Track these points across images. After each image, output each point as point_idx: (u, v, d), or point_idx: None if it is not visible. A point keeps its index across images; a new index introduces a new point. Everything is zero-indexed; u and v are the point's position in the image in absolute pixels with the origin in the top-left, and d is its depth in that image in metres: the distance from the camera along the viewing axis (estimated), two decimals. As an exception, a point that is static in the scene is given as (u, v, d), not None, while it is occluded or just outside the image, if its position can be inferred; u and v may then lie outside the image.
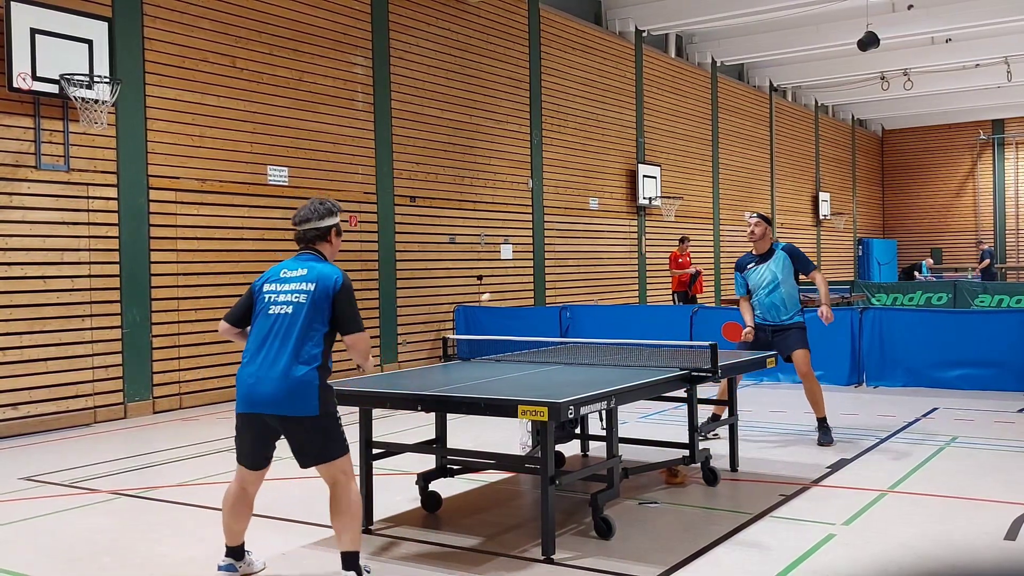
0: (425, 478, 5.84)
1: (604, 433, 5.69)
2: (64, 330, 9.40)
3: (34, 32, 8.90)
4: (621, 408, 5.55)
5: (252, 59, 11.31)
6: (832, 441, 7.65)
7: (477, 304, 14.27)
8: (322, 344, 4.43)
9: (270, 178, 11.50)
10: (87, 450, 8.25)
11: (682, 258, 17.54)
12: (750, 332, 7.76)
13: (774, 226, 7.55)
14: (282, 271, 4.59)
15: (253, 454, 4.54)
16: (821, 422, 7.75)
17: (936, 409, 9.30)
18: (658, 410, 9.27)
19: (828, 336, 11.18)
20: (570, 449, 7.20)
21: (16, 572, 4.92)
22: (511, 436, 6.96)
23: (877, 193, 33.99)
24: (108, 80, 9.34)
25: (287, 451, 4.49)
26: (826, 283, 8.00)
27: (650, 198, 19.08)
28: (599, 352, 7.19)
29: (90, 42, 9.32)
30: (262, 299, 4.55)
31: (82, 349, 9.54)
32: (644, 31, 19.37)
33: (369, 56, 12.93)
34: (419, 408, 5.34)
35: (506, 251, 15.48)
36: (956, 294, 17.74)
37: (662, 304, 18.55)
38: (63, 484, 6.86)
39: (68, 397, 9.42)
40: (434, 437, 6.07)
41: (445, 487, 6.11)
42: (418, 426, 7.93)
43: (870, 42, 17.60)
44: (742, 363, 6.79)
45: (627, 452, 6.31)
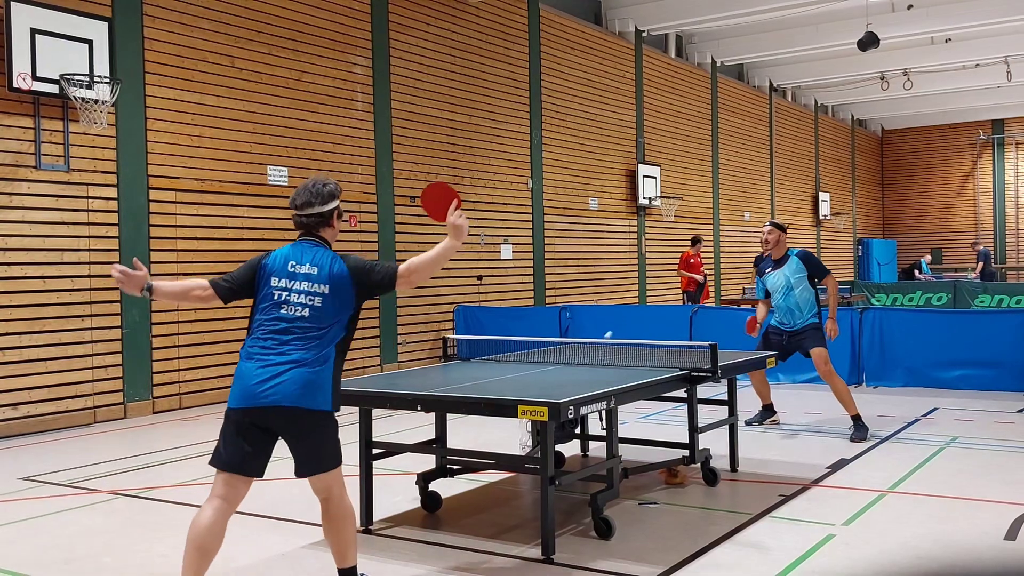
0: (425, 478, 5.84)
1: (604, 433, 5.68)
2: (64, 330, 9.40)
3: (34, 32, 8.90)
4: (621, 408, 5.55)
5: (251, 59, 11.31)
6: (865, 437, 7.83)
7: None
8: (343, 333, 4.24)
9: (270, 178, 11.50)
10: (87, 450, 8.25)
11: (694, 259, 17.45)
12: (753, 319, 8.28)
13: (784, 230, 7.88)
14: (289, 264, 4.25)
15: (252, 454, 4.17)
16: (855, 420, 7.96)
17: (936, 409, 9.30)
18: (658, 410, 9.27)
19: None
20: (570, 449, 7.20)
21: (16, 572, 4.92)
22: (511, 436, 6.96)
23: (877, 193, 33.99)
24: (108, 80, 9.34)
25: (287, 450, 4.47)
26: (837, 293, 8.32)
27: (650, 198, 19.08)
28: (599, 352, 7.19)
29: (90, 42, 9.32)
30: (269, 292, 4.23)
31: (82, 349, 9.54)
32: (644, 31, 19.37)
33: (369, 56, 12.93)
34: (419, 408, 5.34)
35: (506, 251, 15.48)
36: (956, 294, 17.75)
37: (662, 304, 18.55)
38: (63, 484, 6.86)
39: (68, 397, 9.42)
40: (434, 437, 6.07)
41: (445, 487, 6.11)
42: (418, 426, 7.93)
43: (870, 42, 17.60)
44: (742, 363, 6.79)
45: (627, 452, 6.31)
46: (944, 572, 4.71)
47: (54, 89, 9.06)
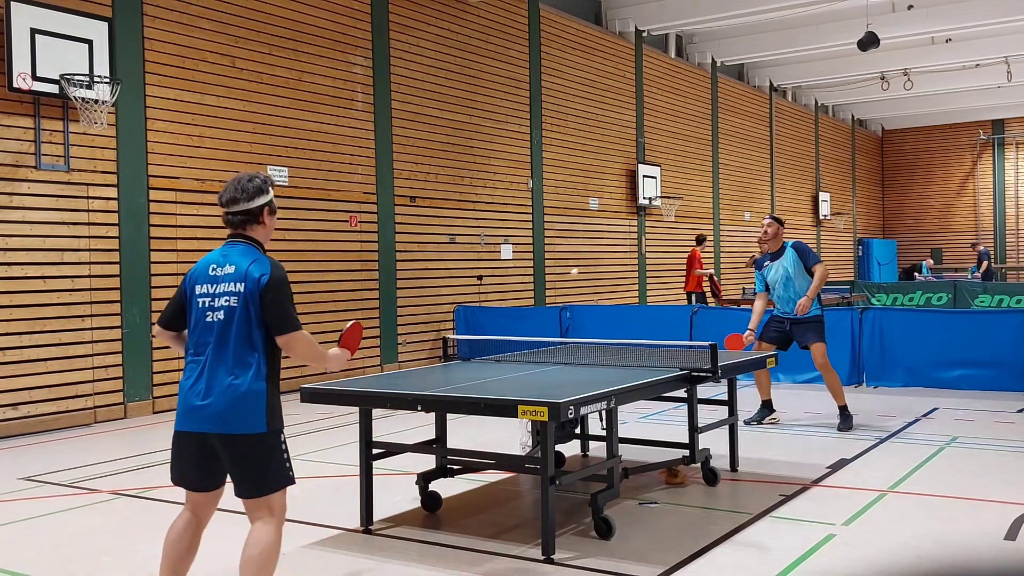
0: (425, 478, 5.84)
1: (604, 433, 5.68)
2: (64, 330, 9.40)
3: (34, 32, 8.90)
4: (621, 408, 5.55)
5: (251, 59, 11.31)
6: (852, 427, 8.21)
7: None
8: (264, 350, 3.90)
9: (270, 178, 11.48)
10: (87, 450, 8.25)
11: (702, 257, 17.57)
12: (750, 335, 8.29)
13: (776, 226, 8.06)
14: (210, 267, 4.03)
15: (200, 474, 3.94)
16: (842, 410, 8.36)
17: (936, 409, 9.30)
18: (658, 410, 9.27)
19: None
20: (570, 449, 7.20)
21: (16, 572, 4.92)
22: (511, 436, 6.96)
23: (877, 193, 33.99)
24: (108, 80, 9.34)
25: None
26: (823, 280, 8.45)
27: (650, 198, 19.08)
28: (599, 352, 7.19)
29: (90, 42, 9.32)
30: (196, 303, 3.97)
31: (82, 349, 9.54)
32: (644, 31, 19.37)
33: (369, 56, 12.93)
34: (419, 408, 5.33)
35: (506, 251, 15.48)
36: (956, 294, 17.75)
37: (662, 304, 18.56)
38: (63, 484, 6.86)
39: (68, 397, 9.42)
40: (434, 437, 6.06)
41: (445, 487, 6.11)
42: (418, 426, 7.93)
43: (870, 42, 17.60)
44: (742, 363, 6.79)
45: (627, 452, 6.31)
46: (944, 572, 4.71)
47: (54, 89, 9.06)
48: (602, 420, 5.71)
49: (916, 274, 26.69)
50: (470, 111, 14.72)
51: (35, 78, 8.91)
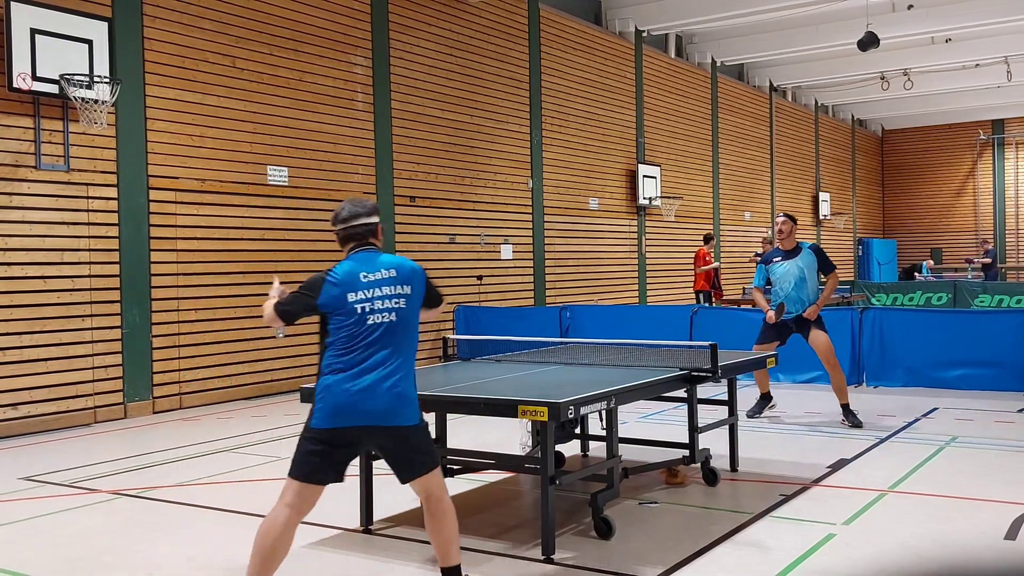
0: (425, 478, 5.83)
1: (604, 433, 5.68)
2: (64, 330, 9.40)
3: (34, 32, 8.90)
4: (621, 408, 5.55)
5: (252, 59, 11.31)
6: (861, 423, 8.31)
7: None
8: (415, 348, 4.32)
9: (270, 178, 11.50)
10: (87, 450, 8.25)
11: (708, 257, 17.59)
12: (771, 314, 8.49)
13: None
14: (360, 274, 4.21)
15: (338, 469, 4.20)
16: (844, 408, 8.43)
17: (936, 409, 9.30)
18: (658, 410, 9.27)
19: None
20: (570, 449, 7.20)
21: (16, 572, 4.92)
22: (511, 436, 6.96)
23: (877, 193, 33.99)
24: (108, 80, 9.34)
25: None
26: (834, 287, 8.59)
27: (650, 198, 19.09)
28: (599, 352, 7.19)
29: (90, 42, 9.32)
30: (351, 308, 4.15)
31: (82, 349, 9.54)
32: (644, 31, 19.37)
33: (369, 56, 12.93)
34: (419, 408, 5.33)
35: (506, 251, 15.48)
36: (956, 294, 17.75)
37: (662, 304, 18.56)
38: (63, 484, 6.86)
39: (68, 397, 9.42)
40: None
41: (445, 487, 6.10)
42: (418, 426, 7.92)
43: (870, 42, 17.60)
44: (742, 363, 6.79)
45: (627, 452, 6.31)
46: (944, 572, 4.72)
47: (54, 89, 9.06)
48: (602, 420, 5.71)
49: (916, 274, 26.69)
50: (470, 111, 14.72)
51: (35, 78, 8.91)
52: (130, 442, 8.69)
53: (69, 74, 9.07)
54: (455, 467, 6.05)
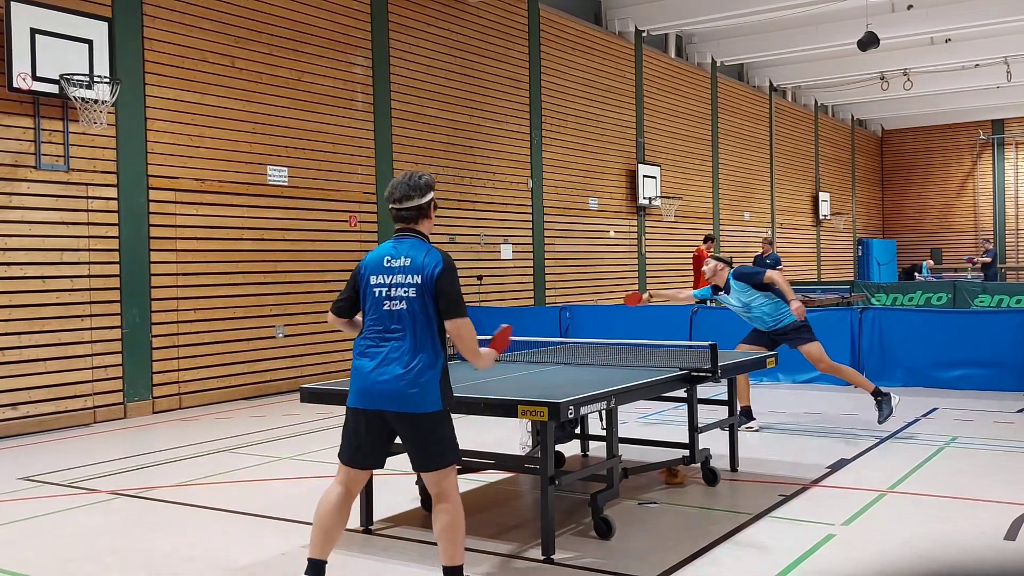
0: (425, 478, 5.83)
1: (604, 433, 5.68)
2: (64, 330, 9.40)
3: (34, 32, 8.90)
4: (621, 408, 5.55)
5: (252, 59, 11.31)
6: (891, 413, 8.00)
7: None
8: (438, 336, 4.30)
9: (270, 178, 11.50)
10: (87, 450, 8.25)
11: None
12: (648, 296, 8.58)
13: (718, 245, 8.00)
14: (385, 259, 4.33)
15: (365, 453, 4.33)
16: (875, 395, 8.06)
17: (936, 409, 9.30)
18: (658, 410, 9.27)
19: (828, 336, 11.16)
20: (570, 449, 7.20)
21: (16, 572, 4.92)
22: (511, 436, 6.96)
23: (877, 193, 33.99)
24: (108, 80, 9.34)
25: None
26: (782, 278, 8.06)
27: (650, 198, 19.09)
28: (599, 352, 7.19)
29: (90, 42, 9.32)
30: (371, 292, 4.31)
31: (82, 349, 9.54)
32: (644, 31, 19.37)
33: (369, 56, 12.93)
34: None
35: (506, 251, 15.48)
36: (956, 294, 17.74)
37: (662, 304, 18.52)
38: (63, 484, 6.86)
39: (68, 397, 9.42)
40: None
41: (445, 487, 6.10)
42: (418, 426, 7.91)
43: (870, 42, 17.60)
44: (742, 363, 6.79)
45: (627, 452, 6.31)
46: (944, 572, 4.72)
47: (54, 89, 9.06)
48: (602, 420, 5.71)
49: (916, 274, 26.68)
50: (470, 111, 14.72)
51: (35, 78, 8.91)
52: (130, 442, 8.69)
53: (69, 74, 9.07)
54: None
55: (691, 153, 21.39)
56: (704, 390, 6.82)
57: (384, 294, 4.28)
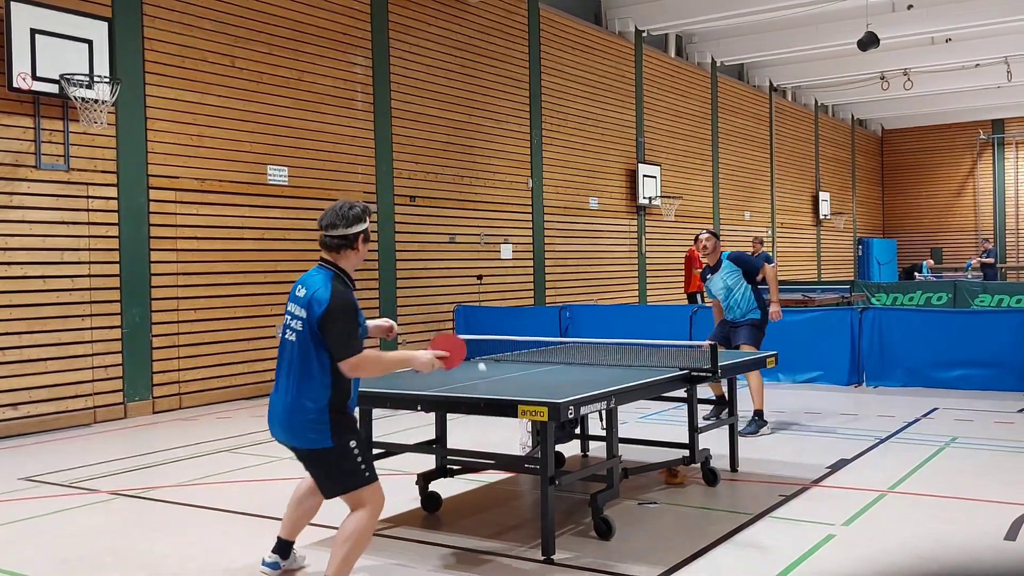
0: (425, 478, 5.84)
1: (604, 433, 5.68)
2: (64, 330, 9.40)
3: (34, 32, 8.90)
4: (621, 408, 5.55)
5: (252, 59, 11.31)
6: (756, 432, 7.98)
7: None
8: (329, 373, 4.14)
9: (270, 178, 11.50)
10: (87, 450, 8.25)
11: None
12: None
13: (716, 237, 7.90)
14: (297, 289, 4.29)
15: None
16: (757, 414, 8.12)
17: (936, 409, 9.30)
18: (658, 410, 9.27)
19: (828, 336, 11.20)
20: (570, 449, 7.20)
21: (16, 572, 4.92)
22: (511, 436, 6.96)
23: (877, 193, 33.99)
24: (108, 80, 9.34)
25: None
26: (776, 279, 8.53)
27: (650, 198, 19.09)
28: (599, 352, 7.19)
29: (90, 42, 9.32)
30: (285, 320, 4.30)
31: (82, 349, 9.54)
32: (644, 31, 19.37)
33: (369, 56, 12.93)
34: (419, 408, 5.34)
35: (506, 251, 15.48)
36: (956, 294, 17.73)
37: (662, 304, 18.55)
38: (63, 484, 6.86)
39: (68, 397, 9.42)
40: (434, 437, 6.06)
41: (445, 487, 6.11)
42: (418, 426, 7.92)
43: (870, 42, 17.60)
44: (742, 363, 6.79)
45: (627, 452, 6.31)
46: (944, 572, 4.72)
47: (54, 89, 9.06)
48: (602, 420, 5.71)
49: (916, 274, 26.67)
50: (470, 111, 14.72)
51: (35, 78, 8.91)
52: (130, 442, 8.69)
53: (69, 74, 9.07)
54: (455, 467, 6.05)
55: (691, 153, 21.39)
56: (704, 390, 6.83)
57: (286, 323, 4.27)
